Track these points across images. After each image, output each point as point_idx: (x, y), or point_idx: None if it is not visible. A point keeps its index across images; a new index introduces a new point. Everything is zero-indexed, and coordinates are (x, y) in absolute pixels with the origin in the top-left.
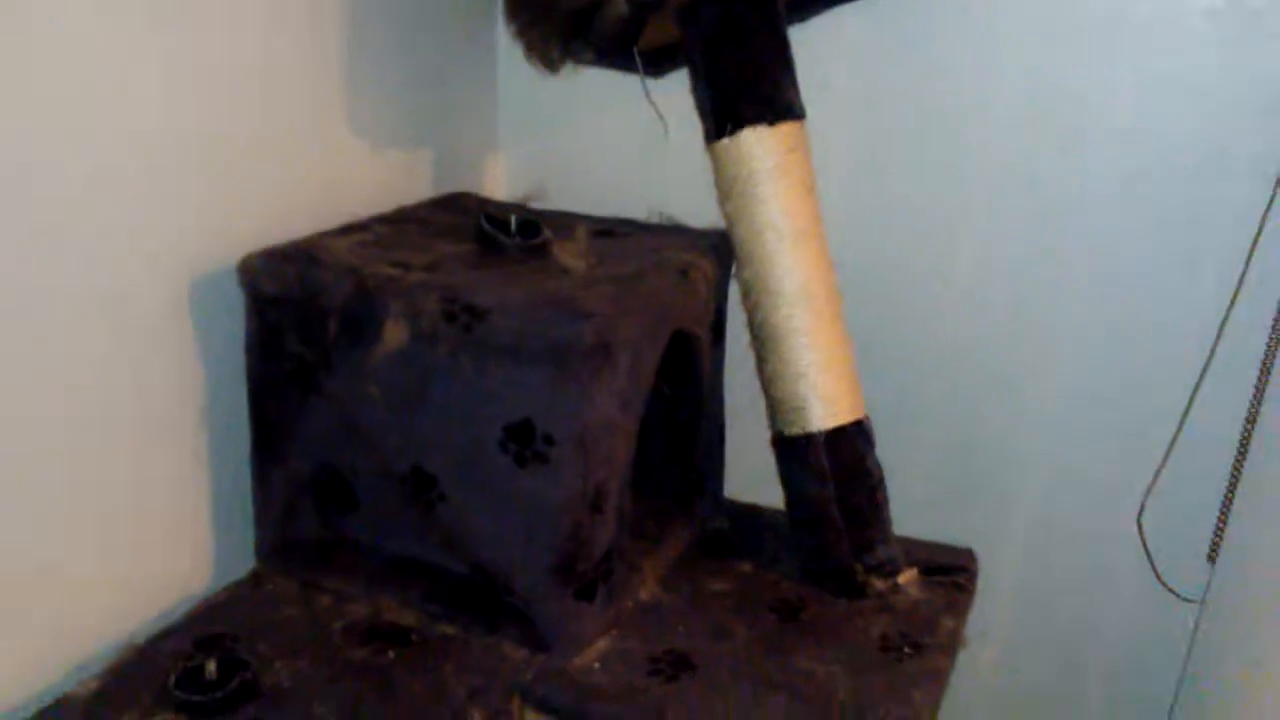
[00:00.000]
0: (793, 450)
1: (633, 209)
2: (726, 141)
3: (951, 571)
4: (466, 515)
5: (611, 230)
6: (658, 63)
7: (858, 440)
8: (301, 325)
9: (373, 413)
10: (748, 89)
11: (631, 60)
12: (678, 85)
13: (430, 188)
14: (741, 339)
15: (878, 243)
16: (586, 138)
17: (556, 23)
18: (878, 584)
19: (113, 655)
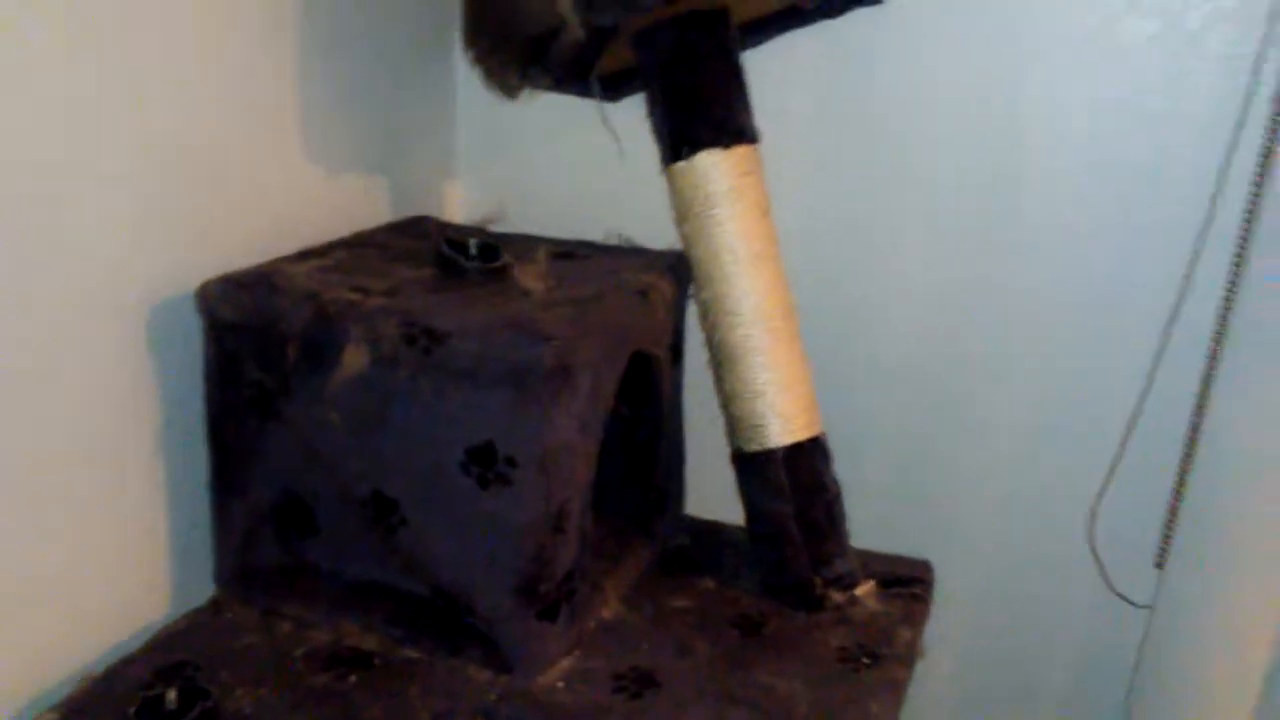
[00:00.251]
0: (752, 467)
1: (591, 231)
2: (682, 165)
3: (908, 583)
4: (428, 538)
5: (571, 252)
6: (615, 87)
7: (815, 456)
8: (260, 351)
9: (333, 438)
10: (702, 113)
11: (589, 85)
12: (635, 109)
13: (389, 212)
14: (700, 358)
15: (832, 262)
16: (545, 161)
17: (514, 49)
18: (836, 597)
19: (71, 686)
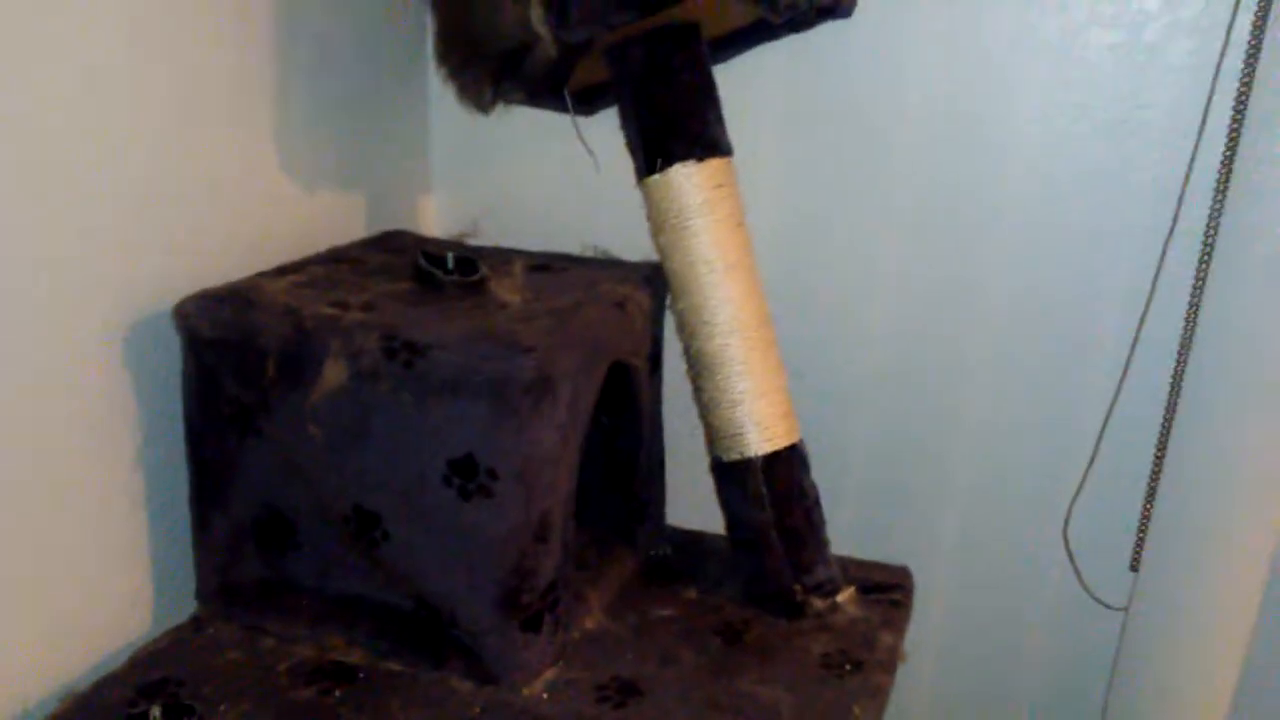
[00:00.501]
0: (731, 475)
1: (567, 244)
2: (657, 178)
3: (888, 589)
4: (410, 551)
5: (547, 265)
6: (588, 101)
7: (794, 463)
8: (239, 367)
9: (313, 453)
10: (675, 127)
11: (562, 100)
12: (609, 122)
13: (364, 227)
14: (679, 368)
15: (806, 272)
16: (519, 174)
17: (487, 65)
18: (817, 604)
19: (54, 705)
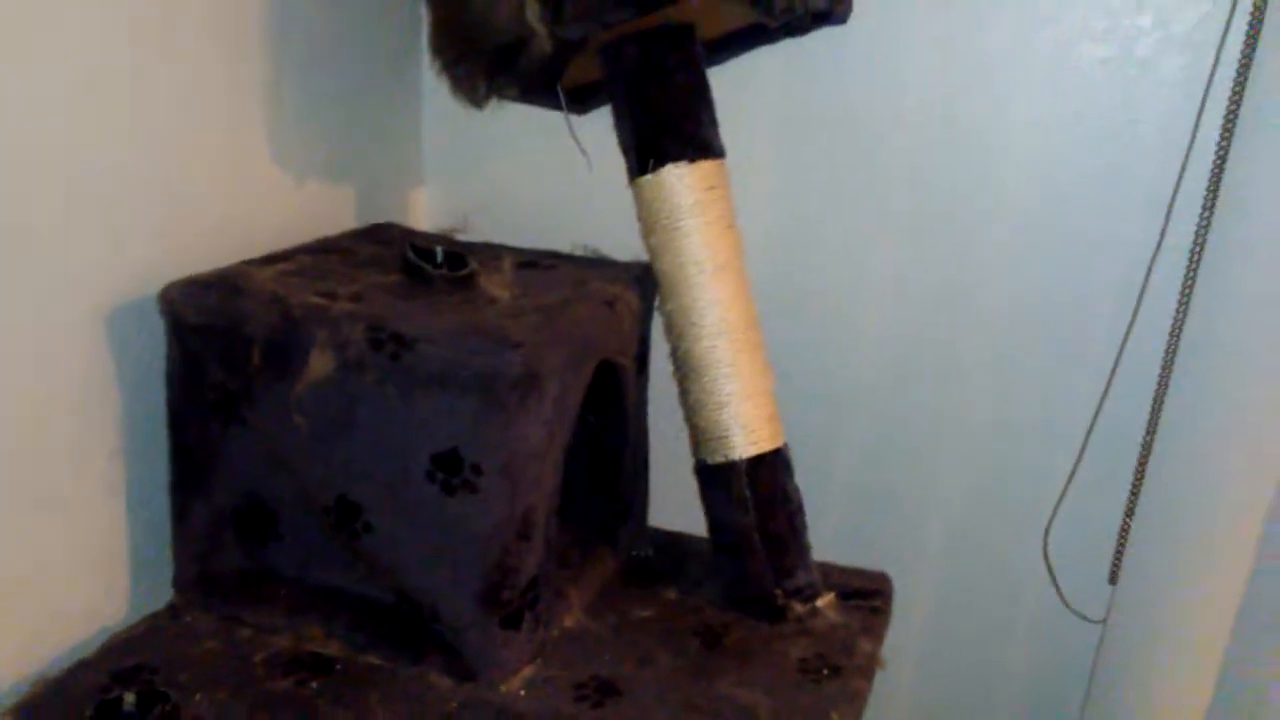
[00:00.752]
0: (715, 478)
1: (558, 241)
2: (649, 178)
3: (868, 596)
4: (393, 544)
5: (536, 262)
6: (582, 99)
7: (778, 467)
8: (224, 354)
9: (297, 443)
10: (668, 127)
11: (556, 97)
12: (602, 120)
13: (354, 218)
14: (665, 369)
15: (795, 276)
16: (511, 171)
17: (481, 60)
18: (797, 608)
19: (26, 690)
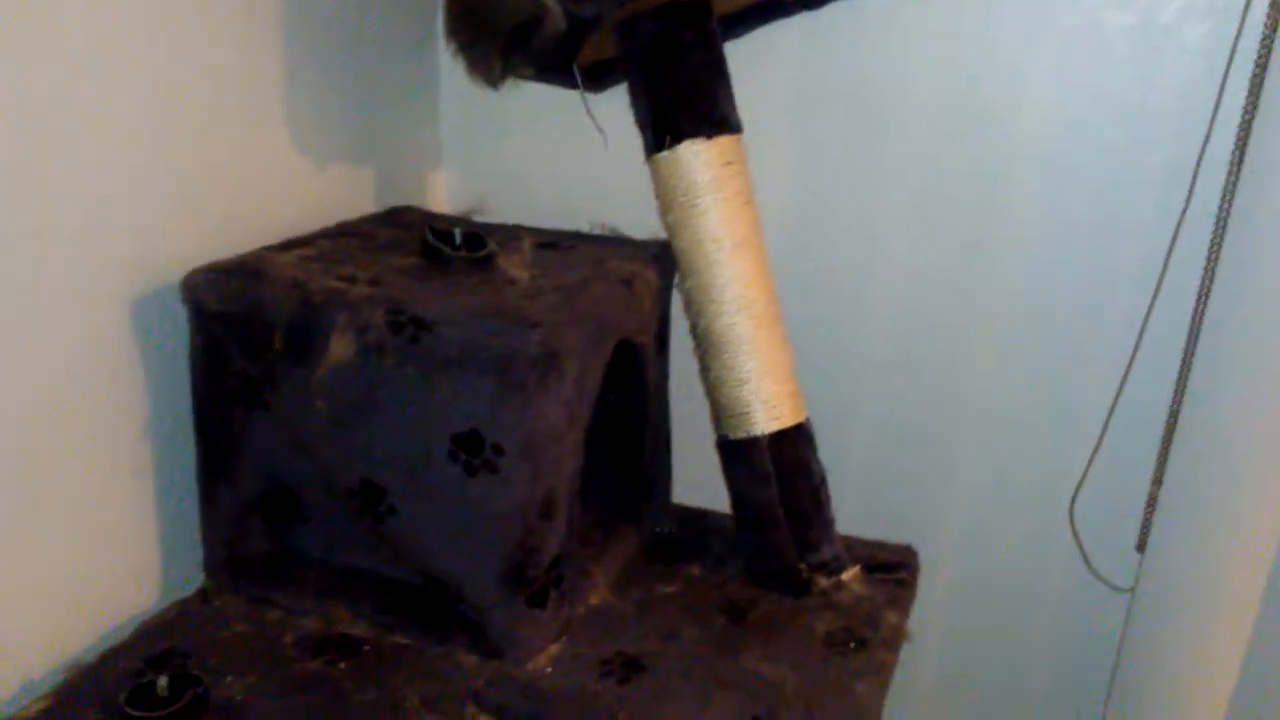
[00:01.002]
0: (737, 453)
1: (576, 221)
2: (666, 155)
3: (893, 568)
4: (416, 526)
5: (555, 242)
6: (598, 77)
7: (800, 442)
8: (246, 341)
9: (320, 427)
10: (685, 103)
11: (572, 76)
12: (618, 99)
13: (373, 202)
14: (685, 346)
15: (814, 251)
16: (529, 151)
17: (496, 40)
18: (822, 582)
19: (60, 676)
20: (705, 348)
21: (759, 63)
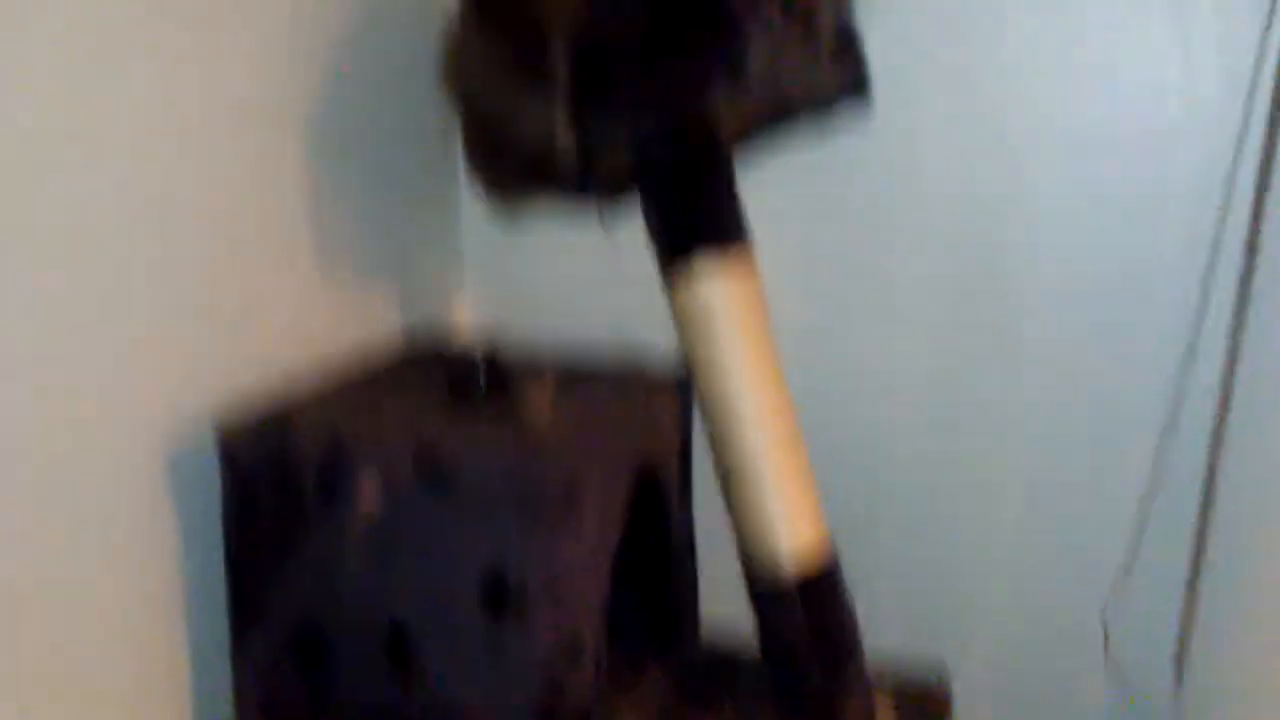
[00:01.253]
0: (765, 600)
1: (599, 338)
2: (680, 278)
3: (925, 701)
4: (444, 669)
5: (578, 371)
6: (616, 190)
7: (827, 589)
8: (277, 488)
9: (349, 570)
10: (698, 227)
11: (589, 196)
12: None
13: (398, 323)
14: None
15: (834, 366)
16: (552, 265)
17: (512, 169)
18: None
19: None
20: (727, 484)
21: (768, 178)
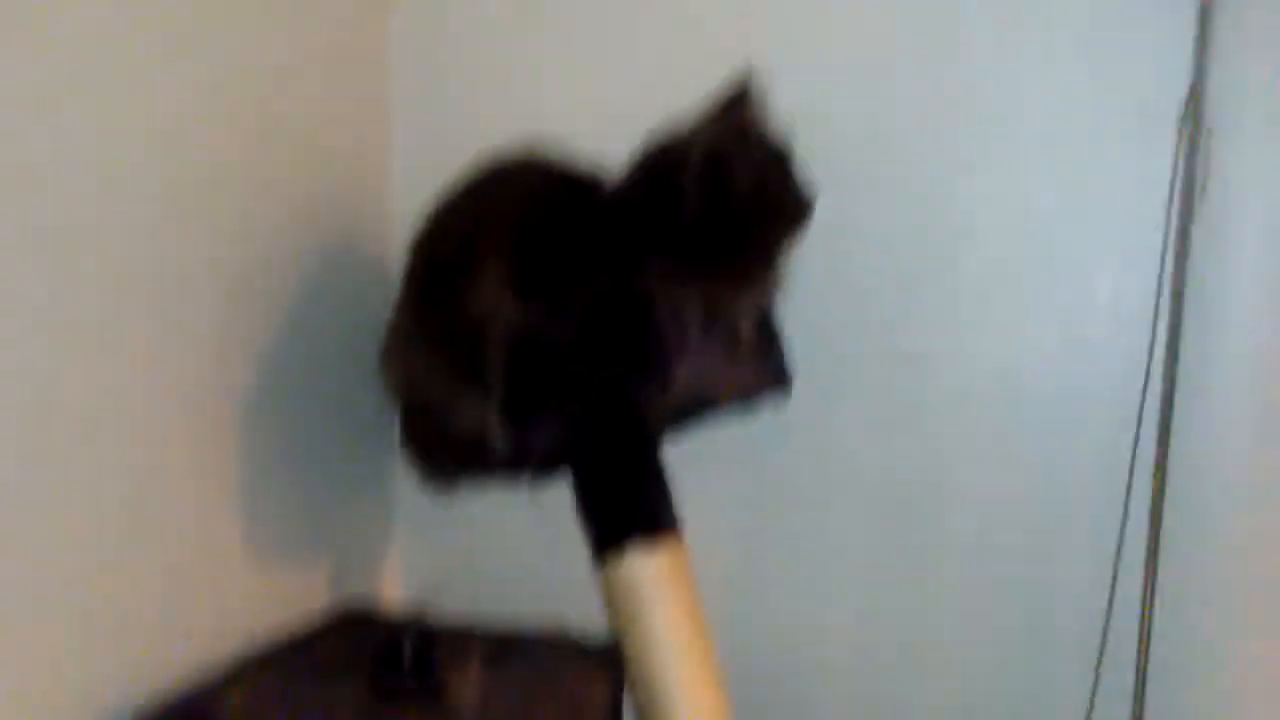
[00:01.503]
0: None
1: (531, 608)
2: (609, 563)
3: None
4: None
5: (507, 649)
6: (547, 472)
7: None
8: None
9: None
10: (626, 512)
11: (522, 477)
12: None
13: (326, 594)
14: None
15: (761, 643)
16: (484, 537)
17: (448, 454)
18: None
19: None
20: None
21: (696, 461)
